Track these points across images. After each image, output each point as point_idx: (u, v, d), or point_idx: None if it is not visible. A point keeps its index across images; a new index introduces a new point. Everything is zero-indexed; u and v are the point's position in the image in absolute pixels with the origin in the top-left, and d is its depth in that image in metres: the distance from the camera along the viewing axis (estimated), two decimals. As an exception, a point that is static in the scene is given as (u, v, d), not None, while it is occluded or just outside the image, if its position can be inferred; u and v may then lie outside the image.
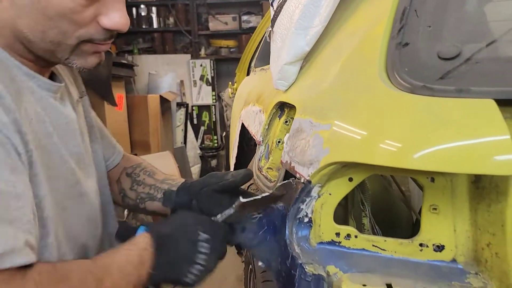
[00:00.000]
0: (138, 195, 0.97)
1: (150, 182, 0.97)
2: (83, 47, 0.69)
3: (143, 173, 1.00)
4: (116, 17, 0.67)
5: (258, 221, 0.79)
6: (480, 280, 0.63)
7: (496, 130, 0.51)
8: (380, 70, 0.66)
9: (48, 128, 0.71)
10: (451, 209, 0.64)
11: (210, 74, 5.05)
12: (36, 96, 0.70)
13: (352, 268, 0.68)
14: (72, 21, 0.64)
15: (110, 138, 1.04)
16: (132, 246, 0.70)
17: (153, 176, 0.99)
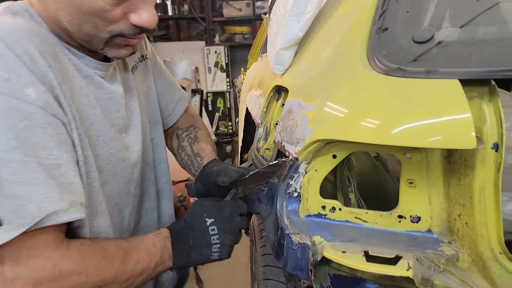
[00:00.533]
0: (182, 160, 1.08)
1: (188, 152, 1.06)
2: (115, 40, 0.75)
3: (187, 140, 1.08)
4: (144, 15, 0.73)
5: (266, 194, 0.87)
6: (453, 249, 0.68)
7: (459, 108, 0.56)
8: (361, 54, 0.71)
9: (92, 101, 0.78)
10: (426, 183, 0.69)
11: (225, 60, 5.10)
12: (83, 73, 0.78)
13: (336, 238, 0.73)
14: (103, 17, 0.70)
15: (174, 92, 1.10)
16: (157, 234, 0.84)
17: (192, 146, 1.06)
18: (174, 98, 1.11)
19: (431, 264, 0.66)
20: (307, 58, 0.93)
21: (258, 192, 0.88)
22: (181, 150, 1.08)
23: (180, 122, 1.13)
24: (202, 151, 1.05)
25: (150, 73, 1.01)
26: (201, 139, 1.08)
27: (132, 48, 0.80)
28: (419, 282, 0.64)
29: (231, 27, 5.22)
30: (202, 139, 1.08)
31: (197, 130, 1.11)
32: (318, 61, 0.85)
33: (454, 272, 0.66)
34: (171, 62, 4.91)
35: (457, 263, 0.67)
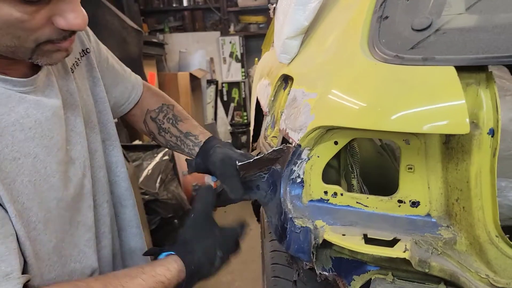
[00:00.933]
0: (168, 142, 1.05)
1: (175, 133, 1.04)
2: (43, 47, 0.66)
3: (167, 121, 1.05)
4: (70, 17, 0.64)
5: (266, 180, 0.89)
6: (451, 232, 0.70)
7: (453, 95, 0.57)
8: (362, 42, 0.72)
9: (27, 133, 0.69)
10: (425, 168, 0.70)
11: (240, 50, 5.11)
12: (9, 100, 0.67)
13: (337, 222, 0.76)
14: (23, 28, 0.61)
15: (126, 81, 1.03)
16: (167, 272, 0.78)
17: (177, 126, 1.04)
18: (128, 86, 1.04)
19: (429, 247, 0.68)
20: (312, 47, 0.94)
21: (258, 179, 0.89)
22: (164, 133, 1.05)
23: (148, 103, 1.08)
24: (192, 129, 1.03)
25: (94, 68, 0.92)
26: (181, 117, 1.06)
27: (66, 52, 0.71)
28: (416, 264, 0.66)
29: (246, 17, 5.22)
30: (182, 117, 1.07)
31: (171, 108, 1.07)
32: (322, 50, 0.86)
33: (452, 255, 0.68)
34: (186, 53, 4.95)
35: (454, 246, 0.69)
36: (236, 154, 0.93)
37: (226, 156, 0.93)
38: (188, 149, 1.02)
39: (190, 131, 1.03)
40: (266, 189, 0.90)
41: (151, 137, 1.09)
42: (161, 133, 1.06)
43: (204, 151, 0.99)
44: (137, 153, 3.06)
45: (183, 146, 1.03)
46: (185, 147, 1.02)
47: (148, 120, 1.07)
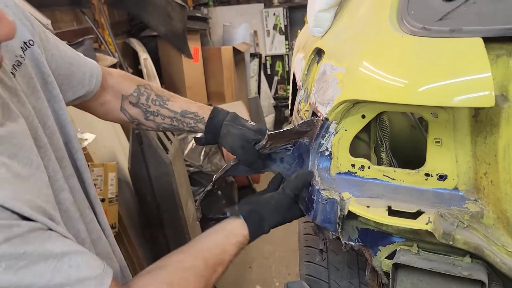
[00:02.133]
0: (159, 125, 0.99)
1: (168, 114, 0.97)
2: None
3: (152, 103, 0.97)
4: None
5: (292, 153, 0.92)
6: (478, 206, 0.69)
7: (479, 67, 0.56)
8: (391, 14, 0.72)
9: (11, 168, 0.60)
10: (453, 142, 0.70)
11: (283, 22, 5.05)
12: None
13: (364, 194, 0.77)
14: None
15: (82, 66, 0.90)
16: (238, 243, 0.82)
17: (167, 107, 0.97)
18: (85, 71, 0.91)
19: (454, 220, 0.69)
20: (344, 19, 0.94)
21: (283, 152, 0.92)
22: (153, 116, 0.98)
23: (120, 88, 0.98)
24: (187, 107, 0.97)
25: (42, 62, 0.78)
26: (166, 96, 0.99)
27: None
28: (440, 236, 0.66)
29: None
30: (167, 95, 0.99)
31: (149, 89, 0.99)
32: (353, 23, 0.86)
33: (478, 228, 0.68)
34: (230, 27, 4.95)
35: (481, 219, 0.68)
36: (250, 132, 0.91)
37: (244, 140, 0.90)
38: (189, 127, 0.97)
39: (186, 109, 0.97)
40: (290, 162, 0.92)
41: (135, 124, 1.00)
42: (149, 118, 0.98)
43: (214, 128, 0.95)
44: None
45: (181, 126, 0.98)
46: (185, 126, 0.97)
47: (128, 106, 0.98)
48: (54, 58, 0.83)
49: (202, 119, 0.96)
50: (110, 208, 1.94)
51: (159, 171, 2.29)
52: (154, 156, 2.26)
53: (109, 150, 2.37)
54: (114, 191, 1.97)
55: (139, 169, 2.29)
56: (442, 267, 0.68)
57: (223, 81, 4.14)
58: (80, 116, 2.16)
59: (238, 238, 0.81)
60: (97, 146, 2.17)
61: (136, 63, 3.64)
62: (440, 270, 0.68)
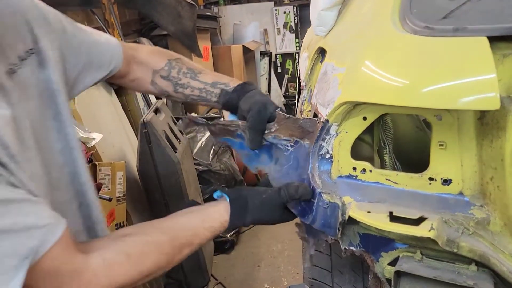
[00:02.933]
0: (188, 96, 1.01)
1: (198, 86, 0.99)
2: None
3: (184, 76, 0.99)
4: None
5: (288, 155, 0.89)
6: (484, 212, 0.66)
7: (483, 68, 0.53)
8: (393, 13, 0.69)
9: None
10: (458, 145, 0.67)
11: (294, 20, 5.01)
12: None
13: (365, 199, 0.75)
14: None
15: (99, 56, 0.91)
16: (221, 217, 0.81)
17: (198, 79, 0.99)
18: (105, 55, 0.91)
19: (459, 227, 0.66)
20: (347, 18, 0.91)
21: (280, 150, 0.89)
22: (182, 89, 1.00)
23: (151, 63, 1.00)
24: (218, 79, 0.99)
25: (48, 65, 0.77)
26: (197, 69, 1.01)
27: None
28: (444, 243, 0.64)
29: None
30: (198, 69, 1.01)
31: (180, 62, 1.01)
32: (355, 22, 0.83)
33: (484, 235, 0.65)
34: (240, 25, 4.93)
35: (488, 226, 0.66)
36: (272, 105, 0.90)
37: (263, 106, 0.89)
38: (216, 97, 0.98)
39: (217, 80, 0.99)
40: (283, 164, 0.89)
41: (164, 96, 1.04)
42: (178, 90, 1.00)
43: (242, 90, 0.95)
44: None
45: (209, 97, 0.99)
46: (213, 96, 0.99)
47: (158, 80, 1.00)
48: (73, 49, 0.84)
49: (231, 88, 0.96)
50: (117, 207, 1.94)
51: (168, 170, 2.28)
52: (162, 155, 2.26)
53: (118, 148, 2.38)
54: (122, 190, 1.97)
55: (147, 168, 2.29)
56: (446, 276, 0.66)
57: (233, 79, 4.12)
58: (88, 116, 2.17)
59: (214, 223, 0.80)
60: (106, 145, 2.17)
61: (147, 62, 3.63)
62: (444, 279, 0.65)
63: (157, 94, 1.04)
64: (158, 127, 2.20)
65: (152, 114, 2.22)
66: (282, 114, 0.86)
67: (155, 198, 2.34)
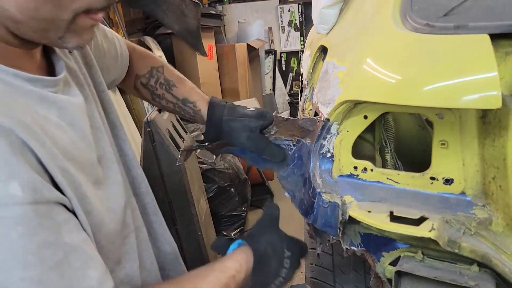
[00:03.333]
0: (165, 107, 1.00)
1: (171, 99, 0.97)
2: (79, 21, 0.58)
3: (160, 87, 0.98)
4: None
5: (292, 153, 0.89)
6: (486, 212, 0.65)
7: (485, 66, 0.52)
8: (394, 10, 0.68)
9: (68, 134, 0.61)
10: (459, 144, 0.66)
11: (298, 19, 4.99)
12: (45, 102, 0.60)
13: (366, 198, 0.74)
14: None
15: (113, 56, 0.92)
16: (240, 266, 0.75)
17: (171, 92, 0.97)
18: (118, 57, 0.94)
19: (461, 227, 0.65)
20: (349, 16, 0.90)
21: (285, 149, 0.89)
22: (159, 99, 0.99)
23: (135, 67, 0.98)
24: (188, 95, 0.96)
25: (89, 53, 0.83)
26: (173, 80, 0.98)
27: (95, 31, 0.63)
28: (445, 244, 0.63)
29: (305, -17, 5.05)
30: (175, 80, 0.98)
31: (161, 72, 0.98)
32: (356, 19, 0.82)
33: (486, 236, 0.64)
34: (245, 23, 4.92)
35: (490, 226, 0.65)
36: (252, 121, 0.88)
37: (248, 131, 0.88)
38: (189, 115, 0.97)
39: (187, 98, 0.96)
40: (289, 163, 0.89)
41: (146, 101, 1.03)
42: (155, 99, 0.99)
43: (214, 126, 0.92)
44: (195, 124, 3.15)
45: (182, 112, 0.98)
46: (185, 114, 0.98)
47: (139, 86, 0.99)
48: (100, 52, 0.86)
49: (199, 111, 0.95)
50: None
51: (171, 169, 2.28)
52: (166, 154, 2.26)
53: (122, 147, 2.38)
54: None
55: (151, 167, 2.30)
56: (447, 276, 0.65)
57: (238, 78, 4.13)
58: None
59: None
60: (109, 144, 2.17)
61: (151, 61, 3.64)
62: (446, 280, 0.65)
63: (142, 98, 1.03)
64: (162, 125, 2.20)
65: (156, 112, 2.22)
66: (279, 117, 0.85)
67: (159, 197, 2.34)
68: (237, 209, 2.92)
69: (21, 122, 0.52)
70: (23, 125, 0.51)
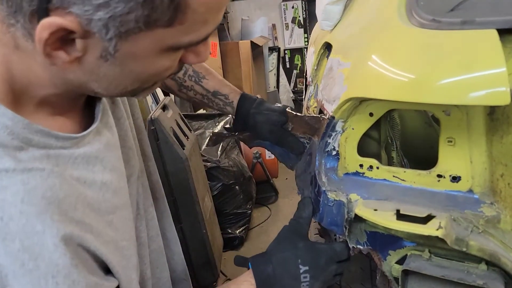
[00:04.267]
0: (191, 98, 1.01)
1: (200, 91, 0.98)
2: (154, 85, 0.58)
3: (189, 79, 0.98)
4: (202, 52, 0.55)
5: (306, 151, 0.89)
6: (494, 210, 0.65)
7: (493, 62, 0.51)
8: (400, 6, 0.67)
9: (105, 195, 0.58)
10: (467, 141, 0.65)
11: (302, 15, 4.98)
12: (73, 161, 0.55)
13: (372, 196, 0.73)
14: (159, 73, 0.54)
15: None
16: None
17: (201, 84, 0.98)
18: None
19: (469, 225, 0.64)
20: (354, 12, 0.89)
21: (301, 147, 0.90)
22: (186, 90, 0.99)
23: None
24: (220, 88, 0.98)
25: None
26: (203, 73, 0.98)
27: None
28: (453, 242, 0.62)
29: (309, -21, 5.03)
30: (204, 72, 0.99)
31: (188, 66, 0.98)
32: (361, 15, 0.81)
33: (494, 234, 0.63)
34: (248, 21, 4.91)
35: (498, 224, 0.64)
36: (275, 115, 0.92)
37: (270, 124, 0.92)
38: (218, 107, 1.00)
39: (218, 90, 0.99)
40: (303, 160, 0.90)
41: (168, 91, 1.03)
42: (182, 90, 1.00)
43: (242, 118, 0.96)
44: (200, 122, 3.15)
45: (211, 104, 1.00)
46: (214, 105, 1.00)
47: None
48: None
49: (231, 103, 0.98)
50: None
51: (175, 167, 2.29)
52: (170, 152, 2.26)
53: (126, 146, 2.38)
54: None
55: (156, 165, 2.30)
56: (455, 275, 0.64)
57: (241, 75, 4.12)
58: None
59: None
60: (114, 143, 2.18)
61: (154, 59, 3.65)
62: (453, 278, 0.64)
63: (162, 89, 1.04)
64: (166, 124, 2.20)
65: (160, 111, 2.22)
66: (290, 112, 0.89)
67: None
68: (242, 207, 2.92)
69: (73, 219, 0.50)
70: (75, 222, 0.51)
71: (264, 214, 3.20)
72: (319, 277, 0.77)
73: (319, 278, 0.77)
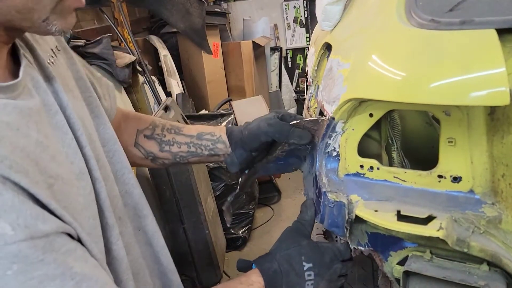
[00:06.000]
0: (176, 154, 0.94)
1: (184, 140, 0.93)
2: (64, 3, 0.57)
3: (168, 132, 0.94)
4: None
5: (309, 152, 0.89)
6: (496, 210, 0.64)
7: (492, 62, 0.51)
8: (399, 6, 0.67)
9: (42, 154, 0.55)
10: (467, 142, 0.65)
11: (304, 15, 4.96)
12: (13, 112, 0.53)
13: (373, 197, 0.73)
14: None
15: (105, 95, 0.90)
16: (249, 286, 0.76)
17: (182, 133, 0.94)
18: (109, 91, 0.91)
19: (470, 225, 0.64)
20: (354, 12, 0.89)
21: (304, 150, 0.90)
22: (168, 146, 0.93)
23: (135, 124, 0.95)
24: (203, 129, 0.93)
25: (75, 61, 0.80)
26: (180, 126, 0.96)
27: (76, 15, 0.62)
28: (454, 243, 0.62)
29: (310, -21, 5.02)
30: (181, 125, 0.96)
31: (163, 122, 0.96)
32: (361, 16, 0.81)
33: (496, 234, 0.63)
34: (250, 21, 4.91)
35: (499, 225, 0.64)
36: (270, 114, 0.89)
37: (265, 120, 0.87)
38: (208, 149, 0.93)
39: (202, 131, 0.93)
40: (308, 161, 0.90)
41: (149, 159, 0.95)
42: (164, 148, 0.94)
43: (237, 142, 0.90)
44: (202, 122, 3.16)
45: (199, 150, 0.93)
46: (203, 149, 0.93)
47: (142, 140, 0.94)
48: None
49: (220, 137, 0.92)
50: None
51: (178, 168, 2.29)
52: (172, 153, 2.27)
53: (129, 147, 2.39)
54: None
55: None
56: (456, 276, 0.64)
57: (243, 75, 4.12)
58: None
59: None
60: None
61: (157, 60, 3.66)
62: (454, 280, 0.64)
63: (142, 160, 0.95)
64: (168, 125, 2.20)
65: (162, 111, 2.22)
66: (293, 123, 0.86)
67: (166, 196, 2.35)
68: (245, 207, 2.92)
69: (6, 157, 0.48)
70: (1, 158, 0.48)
71: (267, 214, 3.20)
72: (324, 275, 0.78)
73: (324, 277, 0.78)
